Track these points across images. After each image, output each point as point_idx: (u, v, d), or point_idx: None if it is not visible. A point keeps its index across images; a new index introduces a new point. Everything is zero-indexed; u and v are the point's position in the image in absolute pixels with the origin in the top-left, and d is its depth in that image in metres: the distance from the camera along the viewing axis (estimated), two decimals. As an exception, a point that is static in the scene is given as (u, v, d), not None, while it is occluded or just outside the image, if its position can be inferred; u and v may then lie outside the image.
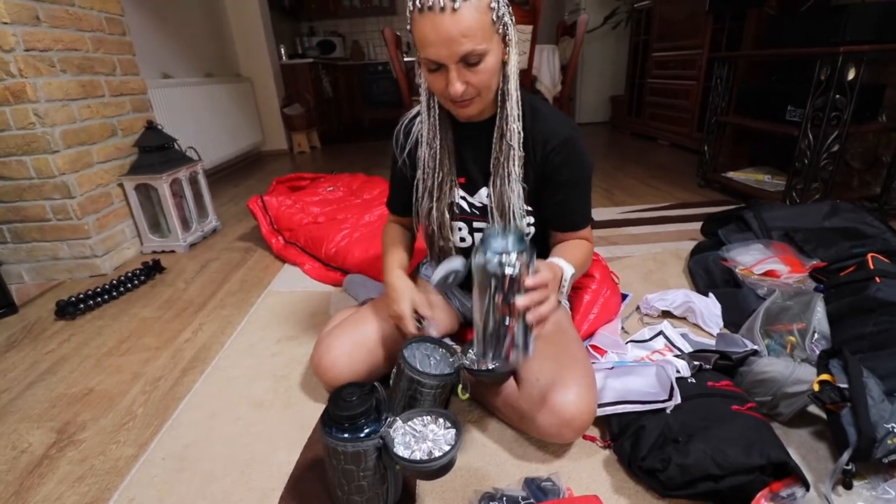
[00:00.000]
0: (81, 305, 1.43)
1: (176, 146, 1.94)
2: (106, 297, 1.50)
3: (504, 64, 0.78)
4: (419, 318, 0.89)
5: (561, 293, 0.78)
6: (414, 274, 1.13)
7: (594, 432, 0.87)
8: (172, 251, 1.90)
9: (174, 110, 2.67)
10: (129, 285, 1.57)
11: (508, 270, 0.64)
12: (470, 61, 0.72)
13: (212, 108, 3.12)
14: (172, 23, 2.93)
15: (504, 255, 0.63)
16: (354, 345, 0.94)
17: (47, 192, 1.58)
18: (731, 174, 2.34)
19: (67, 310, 1.40)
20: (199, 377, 1.11)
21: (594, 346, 1.07)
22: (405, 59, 2.64)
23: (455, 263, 0.89)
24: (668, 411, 0.79)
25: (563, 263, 0.81)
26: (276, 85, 3.99)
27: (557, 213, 0.91)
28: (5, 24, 1.39)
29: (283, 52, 4.23)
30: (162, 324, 1.37)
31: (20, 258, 1.66)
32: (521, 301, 0.65)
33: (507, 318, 0.67)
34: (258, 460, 0.86)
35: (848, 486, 0.74)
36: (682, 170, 2.86)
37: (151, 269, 1.67)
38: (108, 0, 1.79)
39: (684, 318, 1.23)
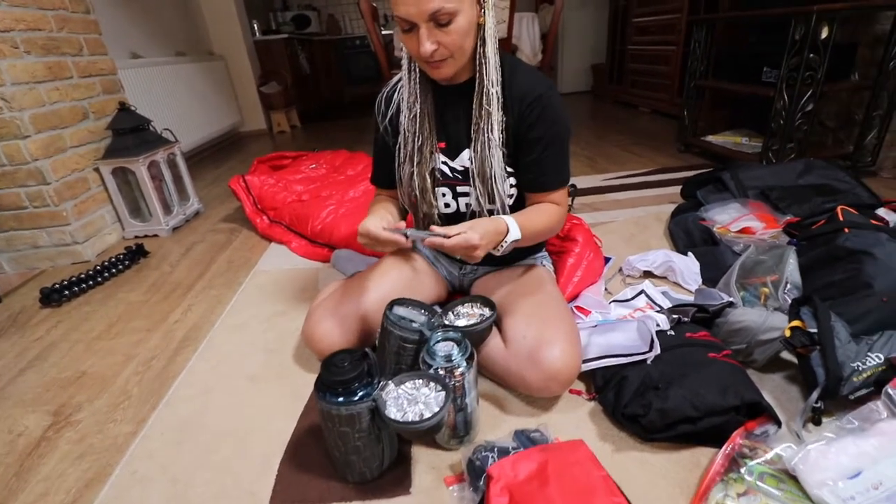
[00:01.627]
0: (66, 292, 1.42)
1: (151, 128, 1.90)
2: (91, 282, 1.48)
3: (480, 27, 0.78)
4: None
5: (498, 250, 0.82)
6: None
7: (580, 386, 0.91)
8: (155, 235, 1.88)
9: (146, 91, 2.59)
10: (114, 270, 1.56)
11: (450, 381, 0.72)
12: (440, 21, 0.72)
13: (185, 88, 3.03)
14: None
15: (447, 365, 0.73)
16: (344, 314, 0.96)
17: (21, 178, 1.54)
18: (710, 138, 2.37)
19: (52, 297, 1.39)
20: (192, 355, 1.12)
21: (579, 308, 1.11)
22: (383, 32, 2.59)
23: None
24: (648, 362, 0.82)
25: (511, 223, 0.82)
26: (251, 62, 3.88)
27: (529, 172, 0.89)
28: (-39, 3, 1.33)
29: (256, 28, 4.10)
30: (150, 306, 1.37)
31: (-2, 248, 1.63)
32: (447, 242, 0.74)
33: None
34: (257, 430, 0.89)
35: (817, 423, 0.79)
36: (662, 136, 2.89)
37: (135, 254, 1.65)
38: (68, -24, 1.72)
39: (665, 277, 1.27)
